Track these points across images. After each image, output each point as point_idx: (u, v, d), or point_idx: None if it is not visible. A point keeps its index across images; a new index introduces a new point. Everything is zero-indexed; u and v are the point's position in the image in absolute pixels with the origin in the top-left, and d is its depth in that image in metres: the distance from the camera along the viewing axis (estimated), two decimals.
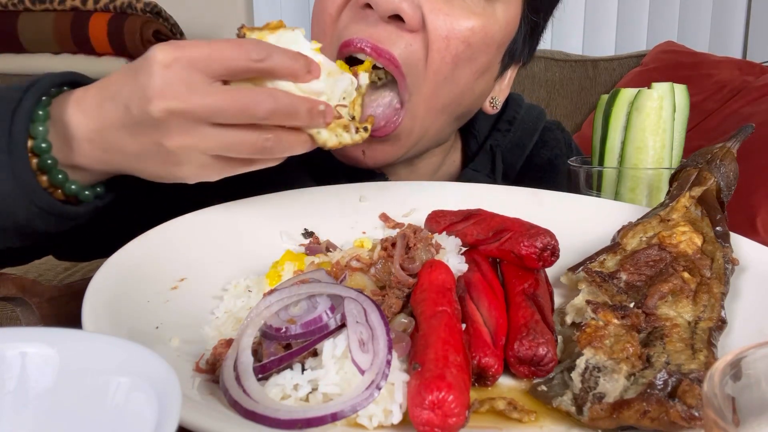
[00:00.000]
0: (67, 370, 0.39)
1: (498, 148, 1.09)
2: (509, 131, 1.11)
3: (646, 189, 0.94)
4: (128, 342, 0.46)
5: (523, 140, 1.11)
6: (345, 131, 0.72)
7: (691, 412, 0.48)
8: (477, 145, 1.11)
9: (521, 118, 1.13)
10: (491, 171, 1.08)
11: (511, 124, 1.11)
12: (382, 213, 0.85)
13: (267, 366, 0.53)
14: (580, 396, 0.54)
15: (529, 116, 1.14)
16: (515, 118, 1.12)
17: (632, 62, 2.80)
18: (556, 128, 1.19)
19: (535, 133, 1.13)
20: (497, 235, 0.72)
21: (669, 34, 3.03)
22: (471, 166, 1.08)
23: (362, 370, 0.51)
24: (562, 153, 1.15)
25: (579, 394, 0.54)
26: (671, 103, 0.94)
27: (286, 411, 0.49)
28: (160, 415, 0.34)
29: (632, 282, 0.66)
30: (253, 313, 0.57)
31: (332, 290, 0.58)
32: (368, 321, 0.54)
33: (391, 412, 0.51)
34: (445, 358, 0.52)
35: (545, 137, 1.15)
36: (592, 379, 0.55)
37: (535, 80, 2.70)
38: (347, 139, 0.72)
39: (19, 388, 0.39)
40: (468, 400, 0.50)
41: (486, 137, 1.11)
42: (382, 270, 0.66)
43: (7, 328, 0.40)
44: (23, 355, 0.39)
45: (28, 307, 0.80)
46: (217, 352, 0.56)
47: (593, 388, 0.54)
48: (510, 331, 0.61)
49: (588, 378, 0.55)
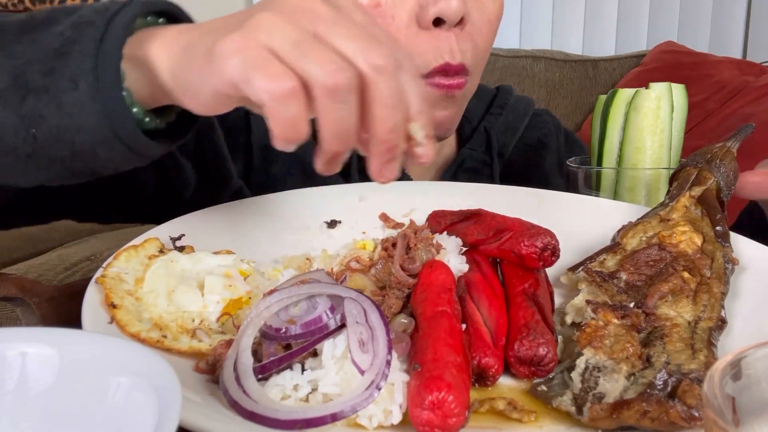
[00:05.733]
0: (67, 370, 0.39)
1: (492, 130, 1.16)
2: (501, 114, 1.18)
3: (644, 189, 0.94)
4: (128, 342, 0.46)
5: (515, 123, 1.19)
6: None
7: (691, 412, 0.48)
8: (471, 128, 1.18)
9: (512, 104, 1.20)
10: (487, 150, 1.14)
11: (503, 108, 1.19)
12: (382, 213, 0.85)
13: (267, 366, 0.53)
14: (580, 396, 0.54)
15: (519, 102, 1.22)
16: (506, 103, 1.20)
17: (632, 62, 2.80)
18: (545, 113, 1.27)
19: (525, 117, 1.20)
20: (497, 235, 0.72)
21: (669, 34, 3.03)
22: (468, 146, 1.13)
23: (362, 370, 0.51)
24: (551, 132, 1.23)
25: (579, 394, 0.54)
26: (669, 103, 0.94)
27: (285, 411, 0.49)
28: (160, 415, 0.34)
29: (632, 282, 0.65)
30: (253, 313, 0.57)
31: (332, 290, 0.58)
32: (368, 321, 0.54)
33: (391, 413, 0.51)
34: (445, 358, 0.52)
35: (534, 121, 1.23)
36: (592, 379, 0.55)
37: (535, 80, 2.70)
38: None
39: (19, 388, 0.39)
40: (468, 401, 0.50)
41: (480, 120, 1.18)
42: (383, 270, 0.66)
43: (7, 328, 0.40)
44: (23, 355, 0.39)
45: (28, 307, 0.80)
46: (217, 353, 0.56)
47: (593, 388, 0.54)
48: (510, 331, 0.61)
49: (588, 378, 0.55)
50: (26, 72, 0.59)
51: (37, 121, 0.58)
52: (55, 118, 0.58)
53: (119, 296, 0.61)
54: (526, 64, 2.70)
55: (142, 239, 0.70)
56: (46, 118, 0.58)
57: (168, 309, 0.62)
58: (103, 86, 0.57)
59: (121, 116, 0.59)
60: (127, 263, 0.66)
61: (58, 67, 0.58)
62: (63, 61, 0.58)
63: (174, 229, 0.74)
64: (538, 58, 2.71)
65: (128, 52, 0.59)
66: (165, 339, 0.58)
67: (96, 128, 0.58)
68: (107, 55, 0.58)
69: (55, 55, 0.58)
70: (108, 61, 0.58)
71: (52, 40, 0.59)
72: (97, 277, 0.62)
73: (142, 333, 0.58)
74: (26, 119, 0.58)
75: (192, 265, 0.67)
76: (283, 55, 0.51)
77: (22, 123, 0.58)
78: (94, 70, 0.57)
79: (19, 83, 0.58)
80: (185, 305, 0.62)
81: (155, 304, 0.62)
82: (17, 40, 0.61)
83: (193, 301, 0.63)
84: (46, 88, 0.58)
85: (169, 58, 0.58)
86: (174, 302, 0.63)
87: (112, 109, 0.58)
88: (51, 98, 0.58)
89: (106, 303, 0.59)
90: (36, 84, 0.58)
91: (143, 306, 0.62)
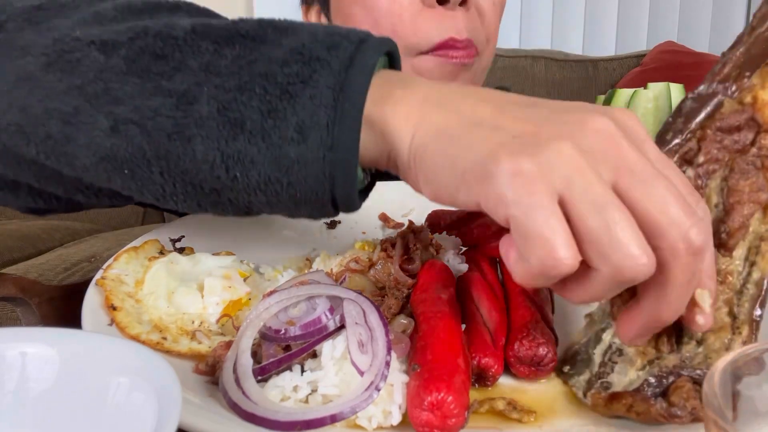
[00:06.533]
0: (67, 371, 0.39)
1: None
2: None
3: None
4: (128, 342, 0.46)
5: None
6: None
7: (672, 410, 0.49)
8: None
9: None
10: None
11: None
12: (381, 213, 0.85)
13: (266, 368, 0.53)
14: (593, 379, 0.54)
15: None
16: None
17: (632, 62, 2.80)
18: None
19: None
20: (497, 235, 0.72)
21: (669, 34, 3.03)
22: None
23: (361, 371, 0.51)
24: None
25: (593, 378, 0.54)
26: (668, 102, 0.94)
27: (285, 413, 0.49)
28: (160, 415, 0.34)
29: (709, 167, 0.54)
30: (252, 314, 0.57)
31: (331, 291, 0.58)
32: (367, 322, 0.54)
33: (391, 413, 0.51)
34: (445, 358, 0.52)
35: None
36: (609, 364, 0.54)
37: (535, 80, 2.70)
38: None
39: (19, 388, 0.39)
40: (467, 401, 0.50)
41: None
42: (382, 271, 0.66)
43: (7, 328, 0.40)
44: (23, 355, 0.39)
45: (28, 307, 0.80)
46: (216, 354, 0.56)
47: (608, 374, 0.54)
48: (510, 331, 0.61)
49: (606, 361, 0.55)
50: (238, 103, 0.49)
51: (246, 166, 0.49)
52: (268, 168, 0.49)
53: (119, 298, 0.61)
54: (526, 64, 2.70)
55: (141, 241, 0.70)
56: (256, 165, 0.49)
57: (168, 311, 0.62)
58: (339, 148, 0.48)
59: (347, 181, 0.50)
60: (127, 265, 0.66)
61: (282, 109, 0.48)
62: (290, 104, 0.48)
63: (174, 231, 0.74)
64: (538, 58, 2.71)
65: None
66: (165, 341, 0.58)
67: (314, 187, 0.50)
68: (347, 113, 0.48)
69: (280, 92, 0.49)
70: (347, 120, 0.48)
71: (272, 70, 0.49)
72: (97, 279, 0.62)
73: (142, 335, 0.58)
74: (231, 159, 0.49)
75: (192, 267, 0.67)
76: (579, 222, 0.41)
77: (223, 162, 0.49)
78: (330, 127, 0.48)
79: (231, 118, 0.49)
80: (185, 307, 0.62)
81: (155, 306, 0.62)
82: (217, 51, 0.51)
83: (193, 302, 0.63)
84: (266, 133, 0.49)
85: (414, 138, 0.48)
86: (174, 304, 0.63)
87: (342, 173, 0.49)
88: (269, 146, 0.49)
89: (106, 305, 0.59)
90: (253, 125, 0.49)
91: (143, 308, 0.62)
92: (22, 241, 1.96)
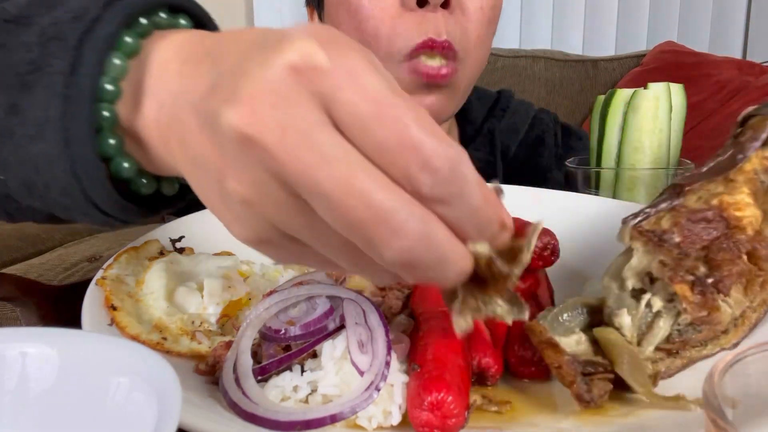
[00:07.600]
0: (67, 370, 0.39)
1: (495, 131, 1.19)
2: (503, 117, 1.21)
3: (643, 189, 0.94)
4: (128, 342, 0.46)
5: (517, 125, 1.22)
6: None
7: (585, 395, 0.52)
8: (473, 130, 1.20)
9: (514, 107, 1.24)
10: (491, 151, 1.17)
11: (505, 111, 1.22)
12: None
13: (266, 368, 0.53)
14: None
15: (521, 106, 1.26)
16: (509, 107, 1.23)
17: (632, 62, 2.79)
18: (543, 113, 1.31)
19: (528, 119, 1.24)
20: None
21: (669, 34, 3.02)
22: (472, 146, 1.16)
23: (361, 371, 0.51)
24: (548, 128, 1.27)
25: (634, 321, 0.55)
26: (668, 102, 0.94)
27: (285, 413, 0.49)
28: (160, 415, 0.34)
29: (685, 248, 0.55)
30: (252, 314, 0.57)
31: (331, 291, 0.58)
32: (367, 322, 0.54)
33: (391, 413, 0.51)
34: (445, 358, 0.52)
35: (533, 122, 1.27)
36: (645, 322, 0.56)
37: (535, 80, 2.70)
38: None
39: (19, 388, 0.39)
40: (467, 401, 0.50)
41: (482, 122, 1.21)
42: None
43: (7, 328, 0.40)
44: (23, 355, 0.39)
45: (28, 307, 0.80)
46: (216, 354, 0.56)
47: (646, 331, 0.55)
48: (510, 331, 0.61)
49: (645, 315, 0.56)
50: None
51: (5, 170, 0.46)
52: (20, 170, 0.45)
53: (119, 298, 0.61)
54: (526, 64, 2.70)
55: (141, 241, 0.70)
56: (11, 167, 0.45)
57: (168, 311, 0.62)
58: (73, 142, 0.42)
59: (96, 182, 0.44)
60: (128, 265, 0.66)
61: (21, 104, 0.43)
62: (26, 97, 0.43)
63: (174, 231, 0.74)
64: (538, 58, 2.71)
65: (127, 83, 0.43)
66: (165, 341, 0.58)
67: (66, 188, 0.44)
68: (75, 100, 0.42)
69: (19, 84, 0.43)
70: (78, 105, 0.42)
71: (18, 57, 0.43)
72: (97, 279, 0.62)
73: (142, 335, 0.58)
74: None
75: (192, 267, 0.67)
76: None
77: None
78: (63, 120, 0.42)
79: None
80: (185, 307, 0.62)
81: (155, 306, 0.62)
82: None
83: (193, 302, 0.63)
84: (11, 132, 0.44)
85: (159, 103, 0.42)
86: (174, 304, 0.63)
87: (86, 172, 0.43)
88: (15, 147, 0.44)
89: (106, 305, 0.59)
90: (1, 124, 0.44)
91: (143, 308, 0.62)
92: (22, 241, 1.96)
